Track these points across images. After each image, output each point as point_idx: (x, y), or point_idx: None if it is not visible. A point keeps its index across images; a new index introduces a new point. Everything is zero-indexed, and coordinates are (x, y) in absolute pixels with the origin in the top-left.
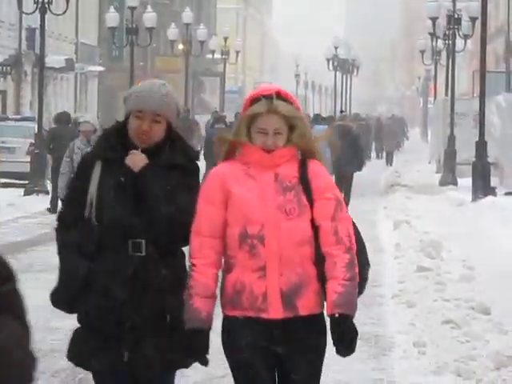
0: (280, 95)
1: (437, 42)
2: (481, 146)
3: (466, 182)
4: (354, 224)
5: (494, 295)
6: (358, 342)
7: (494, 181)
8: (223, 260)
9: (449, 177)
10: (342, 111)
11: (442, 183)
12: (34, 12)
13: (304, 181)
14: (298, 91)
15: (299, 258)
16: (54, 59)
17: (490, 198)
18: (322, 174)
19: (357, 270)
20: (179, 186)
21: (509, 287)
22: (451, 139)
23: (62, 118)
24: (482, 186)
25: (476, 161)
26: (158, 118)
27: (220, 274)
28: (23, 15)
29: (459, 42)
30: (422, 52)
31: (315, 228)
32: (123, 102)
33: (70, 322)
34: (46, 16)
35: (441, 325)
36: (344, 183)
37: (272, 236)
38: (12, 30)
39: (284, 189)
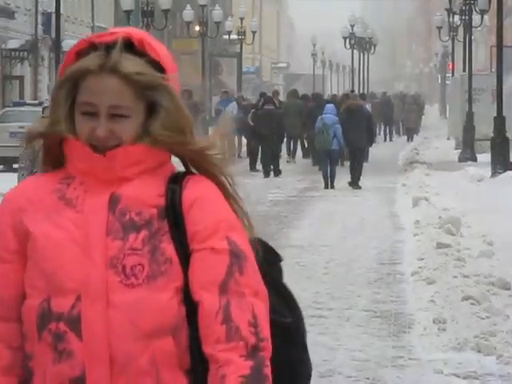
0: (133, 44)
1: (453, 17)
2: (499, 122)
3: (484, 157)
4: (280, 284)
5: None
6: (378, 320)
7: None
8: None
9: (468, 153)
10: (352, 90)
11: (461, 159)
12: None
13: (172, 214)
14: (316, 70)
15: (150, 360)
16: (70, 43)
17: (509, 173)
18: (207, 201)
19: None
20: None
21: None
22: (469, 115)
23: None
24: (501, 162)
25: (494, 136)
26: None
27: None
28: (39, 0)
29: (476, 18)
30: (439, 28)
31: (190, 306)
32: None
33: None
34: (62, 0)
35: (461, 301)
36: (357, 158)
37: (95, 318)
38: (28, 15)
39: (126, 227)
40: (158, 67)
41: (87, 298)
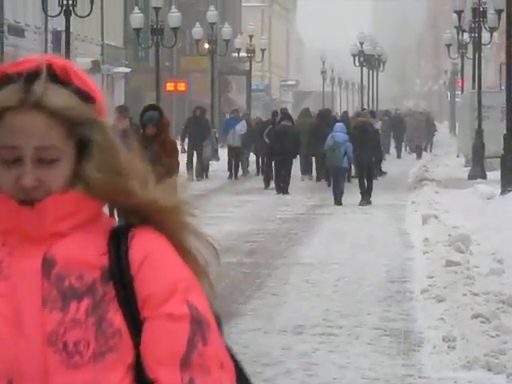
0: (56, 73)
1: (463, 35)
2: (509, 139)
3: (494, 175)
4: (236, 362)
5: None
6: (388, 338)
7: None
8: None
9: (477, 170)
10: (363, 109)
11: (471, 177)
12: (58, 15)
13: (118, 276)
14: (325, 88)
15: None
16: (80, 61)
17: None
18: (160, 259)
19: None
20: None
21: None
22: (479, 132)
23: None
24: (511, 179)
25: (504, 154)
26: None
27: None
28: (48, 18)
29: (485, 35)
30: (448, 46)
31: None
32: None
33: None
34: (71, 18)
35: (470, 319)
36: (365, 176)
37: None
38: (37, 34)
39: (66, 295)
40: (85, 97)
41: (21, 380)
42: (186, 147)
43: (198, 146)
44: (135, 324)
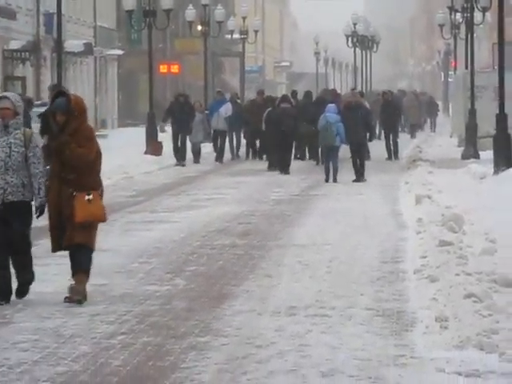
0: None
1: (455, 15)
2: (501, 119)
3: (487, 154)
4: None
5: None
6: (380, 319)
7: None
8: None
9: (470, 150)
10: (353, 88)
11: (464, 157)
12: None
13: None
14: (319, 69)
15: None
16: (72, 44)
17: (511, 170)
18: None
19: None
20: None
21: None
22: (472, 113)
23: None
24: (504, 159)
25: (497, 134)
26: None
27: None
28: (40, 0)
29: (478, 15)
30: (441, 26)
31: None
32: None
33: (91, 308)
34: (63, 0)
35: (463, 299)
36: (358, 153)
37: None
38: (29, 16)
39: None
40: None
41: None
42: (167, 129)
43: (183, 130)
44: None
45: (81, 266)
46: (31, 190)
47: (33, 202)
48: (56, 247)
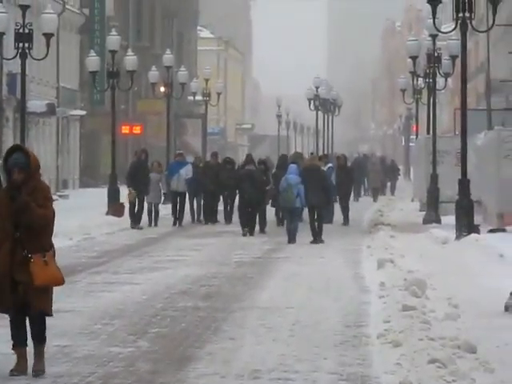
0: None
1: (418, 80)
2: (464, 184)
3: (449, 219)
4: None
5: (479, 333)
6: (344, 383)
7: (477, 218)
8: None
9: (432, 215)
10: (311, 153)
11: (426, 221)
12: (14, 57)
13: None
14: (280, 131)
15: None
16: (35, 104)
17: (473, 235)
18: None
19: None
20: None
21: (494, 325)
22: (434, 177)
23: None
24: (466, 224)
25: (459, 199)
26: None
27: None
28: (4, 61)
29: (440, 81)
30: (403, 91)
31: None
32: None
33: (55, 370)
34: (27, 61)
35: (427, 364)
36: (316, 216)
37: None
38: None
39: None
40: None
41: None
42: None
43: (140, 191)
44: None
45: (41, 339)
46: None
47: None
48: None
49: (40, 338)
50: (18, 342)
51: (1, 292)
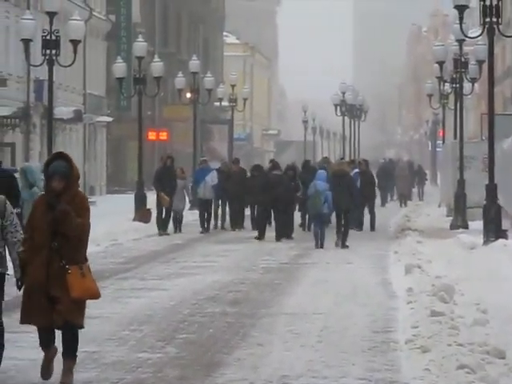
0: None
1: (444, 85)
2: (491, 189)
3: (476, 225)
4: None
5: (508, 339)
6: None
7: (505, 223)
8: None
9: (459, 220)
10: (341, 158)
11: (453, 227)
12: (41, 64)
13: None
14: (307, 137)
15: None
16: (62, 110)
17: (501, 240)
18: None
19: None
20: None
21: None
22: (461, 182)
23: None
24: (494, 229)
25: (487, 204)
26: None
27: None
28: (31, 67)
29: (467, 86)
30: (430, 96)
31: None
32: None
33: (84, 376)
34: (54, 68)
35: (456, 370)
36: (343, 218)
37: None
38: (20, 83)
39: None
40: None
41: None
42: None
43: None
44: None
45: (73, 353)
46: (5, 260)
47: (9, 273)
48: (30, 321)
49: (72, 355)
50: (46, 345)
51: (34, 306)
